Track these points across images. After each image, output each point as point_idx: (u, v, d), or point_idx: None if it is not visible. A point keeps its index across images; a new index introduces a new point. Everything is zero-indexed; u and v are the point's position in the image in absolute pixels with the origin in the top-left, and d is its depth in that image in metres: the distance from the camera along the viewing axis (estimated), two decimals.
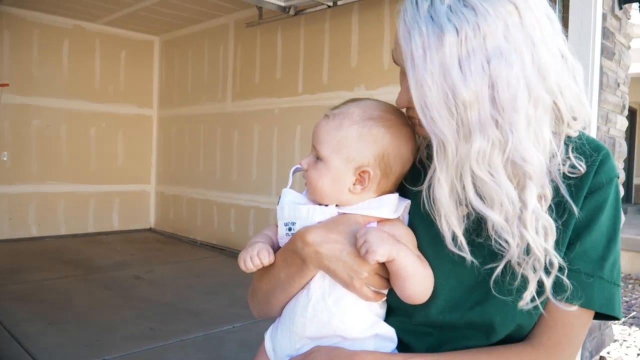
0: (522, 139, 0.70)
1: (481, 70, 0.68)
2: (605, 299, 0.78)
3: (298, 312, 0.87)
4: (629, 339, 4.56)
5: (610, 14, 3.36)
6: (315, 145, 0.89)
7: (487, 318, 0.78)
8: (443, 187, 0.73)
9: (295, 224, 0.89)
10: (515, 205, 0.72)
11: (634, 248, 7.39)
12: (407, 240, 0.84)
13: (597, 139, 3.23)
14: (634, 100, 10.28)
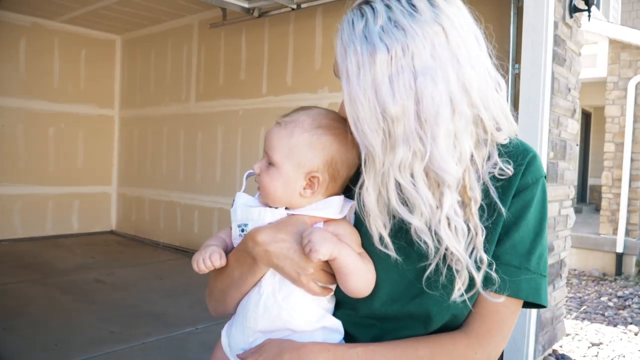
0: (442, 150, 0.76)
1: (408, 87, 0.74)
2: (532, 289, 0.85)
3: (250, 308, 0.92)
4: (581, 333, 4.76)
5: (562, 22, 3.51)
6: (268, 151, 0.94)
7: (425, 309, 0.84)
8: (370, 193, 0.80)
9: (248, 225, 0.94)
10: (434, 210, 0.78)
11: (587, 246, 7.68)
12: (351, 239, 0.89)
13: (549, 141, 3.38)
14: (589, 103, 10.68)
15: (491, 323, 0.84)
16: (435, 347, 0.84)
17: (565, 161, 3.76)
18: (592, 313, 5.47)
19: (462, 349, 0.84)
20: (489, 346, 0.85)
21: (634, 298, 6.11)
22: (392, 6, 0.76)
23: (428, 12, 0.77)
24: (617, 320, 5.20)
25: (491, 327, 0.84)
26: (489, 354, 0.85)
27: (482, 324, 0.84)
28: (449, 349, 0.84)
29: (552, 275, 3.70)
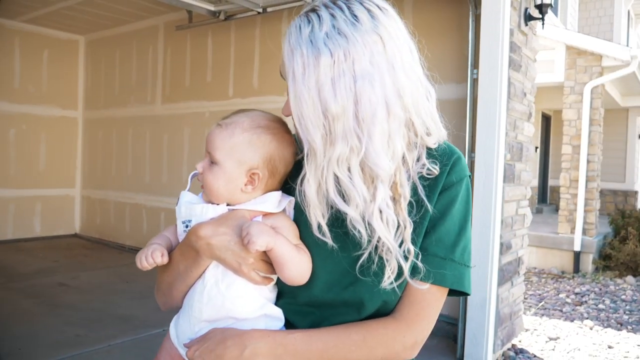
0: (377, 147, 0.84)
1: (349, 88, 0.82)
2: (456, 278, 0.94)
3: (195, 299, 0.97)
4: (539, 328, 4.94)
5: (517, 29, 3.66)
6: (210, 151, 0.99)
7: (358, 296, 0.91)
8: (311, 185, 0.87)
9: (191, 221, 1.00)
10: (367, 202, 0.86)
11: (546, 245, 7.95)
12: (288, 230, 0.96)
13: (506, 144, 3.52)
14: (548, 107, 11.04)
15: (418, 309, 0.92)
16: (367, 331, 0.91)
17: (521, 162, 3.92)
18: (551, 309, 5.67)
19: (391, 332, 0.91)
20: (416, 330, 0.92)
21: (590, 294, 6.36)
22: (336, 15, 0.83)
23: (368, 23, 0.84)
24: (574, 316, 5.41)
25: (418, 313, 0.92)
26: (416, 337, 0.93)
27: (410, 310, 0.92)
28: (379, 333, 0.91)
29: (510, 273, 3.85)
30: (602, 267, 7.71)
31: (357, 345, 0.90)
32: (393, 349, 0.91)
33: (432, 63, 4.05)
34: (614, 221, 8.49)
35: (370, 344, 0.90)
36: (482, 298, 3.52)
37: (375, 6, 0.86)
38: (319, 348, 0.89)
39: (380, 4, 0.88)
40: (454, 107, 4.14)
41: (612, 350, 4.39)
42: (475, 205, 3.56)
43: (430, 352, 3.81)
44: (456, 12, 4.13)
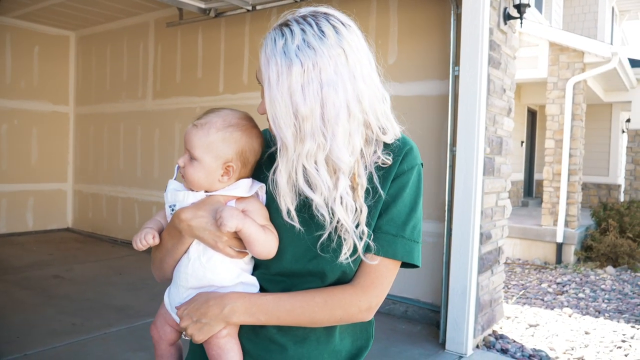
0: (339, 144, 1.00)
1: (316, 94, 0.96)
2: (407, 252, 1.10)
3: (182, 270, 1.15)
4: (520, 316, 5.12)
5: (497, 28, 3.81)
6: (190, 149, 1.15)
7: (320, 268, 1.08)
8: (283, 176, 1.03)
9: (175, 205, 1.17)
10: (331, 190, 1.02)
11: (530, 237, 8.16)
12: (258, 213, 1.13)
13: (486, 138, 3.68)
14: (534, 102, 11.24)
15: (373, 278, 1.08)
16: (328, 295, 1.07)
17: (501, 156, 4.08)
18: (533, 298, 5.87)
19: (349, 297, 1.07)
20: (370, 295, 1.08)
21: (571, 284, 6.56)
22: (306, 30, 0.98)
23: (333, 37, 0.98)
24: (555, 305, 5.61)
25: (373, 281, 1.08)
26: (370, 302, 1.08)
27: (366, 279, 1.08)
28: (338, 297, 1.07)
29: (490, 262, 4.02)
30: (583, 258, 7.93)
31: (319, 307, 1.06)
32: (350, 310, 1.08)
33: (416, 60, 4.28)
34: (596, 213, 8.71)
35: (330, 306, 1.07)
36: (462, 286, 3.69)
37: (340, 23, 1.01)
38: (286, 308, 1.07)
39: (344, 20, 1.03)
40: (436, 102, 4.29)
41: (589, 336, 4.58)
42: (456, 197, 3.72)
43: (413, 338, 3.98)
44: (438, 12, 4.28)
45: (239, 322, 1.08)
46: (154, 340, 1.26)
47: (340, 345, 1.17)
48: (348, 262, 1.06)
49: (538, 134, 12.62)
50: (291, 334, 1.12)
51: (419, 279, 4.39)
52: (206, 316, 1.07)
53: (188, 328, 1.09)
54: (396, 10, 4.58)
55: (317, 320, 1.08)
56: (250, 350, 1.13)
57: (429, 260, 4.33)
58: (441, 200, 4.21)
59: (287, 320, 1.08)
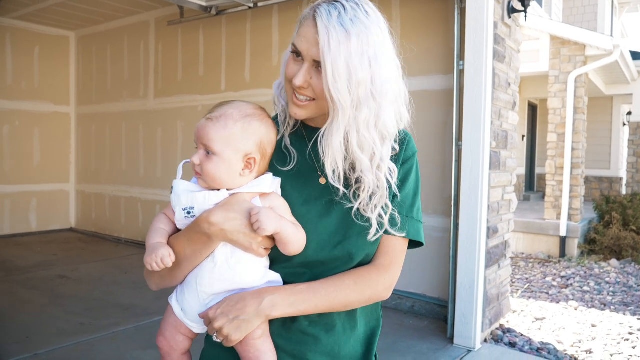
0: (387, 112, 1.09)
1: (367, 64, 1.04)
2: (415, 231, 1.19)
3: (205, 276, 1.10)
4: (526, 310, 5.13)
5: (501, 22, 3.80)
6: (207, 144, 1.09)
7: (347, 252, 1.12)
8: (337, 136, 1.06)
9: (194, 208, 1.10)
10: (377, 154, 1.10)
11: (533, 231, 8.16)
12: (284, 209, 1.11)
13: (491, 132, 3.68)
14: (534, 96, 11.22)
15: (391, 257, 1.16)
16: (357, 276, 1.12)
17: (507, 150, 4.08)
18: (537, 292, 5.87)
19: (375, 276, 1.14)
20: (392, 273, 1.16)
21: (575, 277, 6.57)
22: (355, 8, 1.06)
23: (374, 18, 1.08)
24: (560, 298, 5.61)
25: (392, 260, 1.16)
26: (392, 280, 1.16)
27: (386, 258, 1.16)
28: (366, 277, 1.13)
29: (497, 256, 4.02)
30: (587, 252, 7.93)
31: (351, 289, 1.11)
32: (377, 289, 1.14)
33: (420, 55, 4.28)
34: (599, 207, 8.71)
35: (360, 286, 1.12)
36: (470, 280, 3.69)
37: (374, 8, 1.11)
38: (322, 294, 1.09)
39: (375, 6, 1.12)
40: (441, 97, 4.28)
41: (595, 329, 4.59)
42: (463, 191, 3.71)
43: (421, 333, 3.98)
44: (442, 6, 4.27)
45: (279, 314, 1.07)
46: (163, 352, 1.19)
47: (360, 329, 1.21)
48: (375, 238, 1.12)
49: (539, 128, 12.62)
50: (322, 323, 1.14)
51: (425, 273, 4.39)
52: (244, 312, 1.05)
53: (224, 328, 1.05)
54: (399, 5, 4.57)
55: (350, 302, 1.11)
56: (283, 346, 1.13)
57: (435, 255, 4.32)
58: (446, 195, 4.21)
59: (324, 306, 1.09)
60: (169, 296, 1.20)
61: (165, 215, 1.17)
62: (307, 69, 1.07)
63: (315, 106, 1.11)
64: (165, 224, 1.16)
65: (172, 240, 1.13)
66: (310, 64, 1.07)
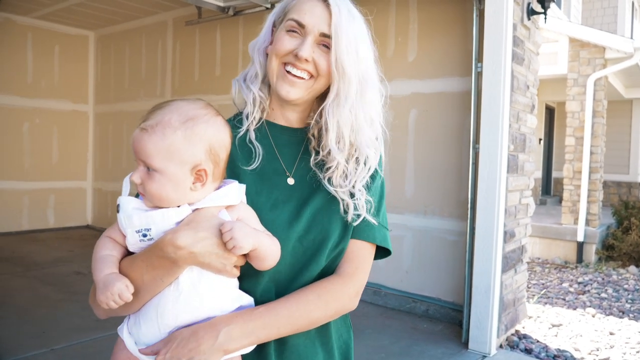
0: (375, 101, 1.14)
1: (368, 48, 1.11)
2: (382, 237, 1.14)
3: (168, 306, 0.93)
4: (542, 316, 5.06)
5: (520, 24, 3.76)
6: (145, 160, 0.92)
7: (317, 255, 1.07)
8: (346, 106, 1.08)
9: (151, 229, 0.93)
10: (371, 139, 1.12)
11: (550, 236, 8.06)
12: (254, 219, 0.99)
13: (509, 135, 3.63)
14: (552, 99, 11.10)
15: (357, 264, 1.10)
16: (319, 289, 1.05)
17: (525, 154, 4.03)
18: (554, 298, 5.80)
19: (338, 286, 1.07)
20: (357, 281, 1.10)
21: (593, 284, 6.47)
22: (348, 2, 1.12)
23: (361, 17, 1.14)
24: (577, 304, 5.53)
25: (357, 267, 1.10)
26: (356, 288, 1.09)
27: (351, 265, 1.10)
28: (329, 288, 1.06)
29: (513, 260, 3.97)
30: (605, 258, 7.81)
31: (314, 304, 1.03)
32: (342, 300, 1.07)
33: (436, 57, 4.26)
34: (617, 212, 8.58)
35: (325, 299, 1.04)
36: (486, 285, 3.65)
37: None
38: (284, 314, 0.99)
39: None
40: (458, 100, 4.25)
41: (614, 337, 4.51)
42: (480, 194, 3.68)
43: (435, 337, 3.95)
44: (460, 8, 4.24)
45: (238, 347, 0.94)
46: None
47: (332, 344, 1.15)
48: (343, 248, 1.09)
49: (556, 131, 12.47)
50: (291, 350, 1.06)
51: (440, 277, 4.36)
52: (199, 352, 0.91)
53: None
54: (416, 7, 4.55)
55: (315, 319, 1.03)
56: None
57: (449, 258, 4.29)
58: (462, 199, 4.17)
59: (287, 328, 0.99)
60: (118, 327, 1.01)
61: (110, 239, 0.99)
62: (312, 42, 1.06)
63: (309, 85, 1.09)
64: (112, 249, 0.97)
65: (125, 266, 0.96)
66: (315, 38, 1.06)
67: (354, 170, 1.10)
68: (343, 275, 1.08)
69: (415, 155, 4.53)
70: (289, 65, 1.07)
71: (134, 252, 0.98)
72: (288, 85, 1.07)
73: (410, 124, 4.52)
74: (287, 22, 1.08)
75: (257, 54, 1.15)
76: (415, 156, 4.53)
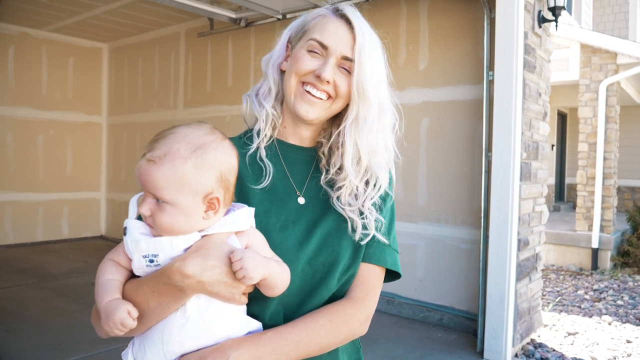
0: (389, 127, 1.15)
1: (385, 69, 1.12)
2: (393, 261, 1.13)
3: (174, 333, 0.91)
4: (558, 324, 5.01)
5: (531, 31, 3.76)
6: (155, 192, 0.90)
7: (327, 277, 1.05)
8: (365, 128, 1.08)
9: (158, 255, 0.91)
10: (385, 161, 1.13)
11: (564, 242, 7.98)
12: (263, 245, 0.97)
13: (522, 143, 3.62)
14: (564, 105, 11.04)
15: (368, 288, 1.09)
16: (330, 313, 1.03)
17: (537, 161, 4.01)
18: (569, 306, 5.73)
19: (349, 311, 1.05)
20: (368, 306, 1.08)
21: (608, 291, 6.40)
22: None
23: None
24: (593, 312, 5.47)
25: (368, 291, 1.09)
26: (367, 312, 1.08)
27: (362, 289, 1.08)
28: (340, 313, 1.04)
29: (528, 268, 3.95)
30: (620, 264, 7.72)
31: (325, 329, 1.00)
32: (353, 325, 1.05)
33: (447, 65, 4.28)
34: (632, 218, 8.48)
35: (336, 324, 1.02)
36: (501, 293, 3.63)
37: None
38: (293, 340, 0.97)
39: None
40: (470, 107, 4.25)
41: (631, 345, 4.46)
42: (493, 203, 3.67)
43: (450, 347, 3.93)
44: (471, 16, 4.25)
45: None
46: None
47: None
48: (353, 273, 1.07)
49: (569, 137, 12.39)
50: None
51: (453, 286, 4.34)
52: None
53: None
54: (426, 16, 4.56)
55: (325, 344, 1.00)
56: None
57: (463, 267, 4.27)
58: (475, 207, 4.16)
59: (296, 353, 0.97)
60: (123, 352, 1.00)
61: (114, 262, 0.98)
62: (333, 64, 1.06)
63: (327, 106, 1.08)
64: (115, 272, 0.96)
65: (130, 290, 0.95)
66: (336, 60, 1.06)
67: (363, 190, 1.09)
68: (354, 299, 1.06)
69: (428, 164, 4.52)
70: (308, 85, 1.07)
71: (140, 276, 0.96)
72: (307, 105, 1.07)
73: (422, 133, 4.52)
74: (309, 42, 1.07)
75: (271, 69, 1.14)
76: (427, 165, 4.53)
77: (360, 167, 1.09)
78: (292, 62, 1.09)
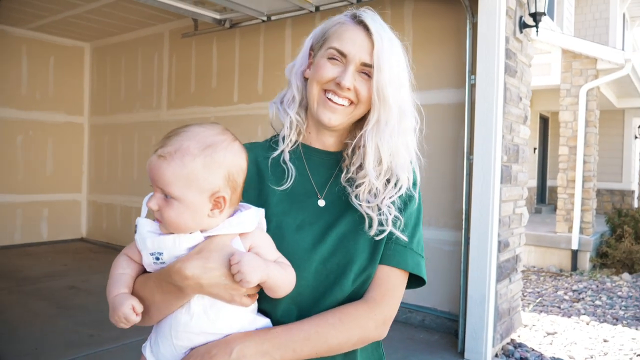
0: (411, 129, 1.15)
1: (407, 73, 1.11)
2: (415, 264, 1.10)
3: (180, 329, 0.95)
4: (538, 324, 5.08)
5: (513, 37, 3.81)
6: (163, 187, 0.93)
7: (341, 279, 1.04)
8: (386, 131, 1.09)
9: (163, 253, 0.95)
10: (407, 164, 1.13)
11: (545, 244, 8.09)
12: (268, 247, 0.98)
13: (503, 146, 3.66)
14: (546, 109, 11.19)
15: (384, 290, 1.06)
16: (342, 313, 1.01)
17: (518, 164, 4.06)
18: (549, 306, 5.81)
19: (363, 312, 1.02)
20: (384, 308, 1.05)
21: (587, 291, 6.50)
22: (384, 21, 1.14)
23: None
24: (572, 312, 5.55)
25: (385, 293, 1.05)
26: (384, 315, 1.05)
27: (379, 291, 1.05)
28: (352, 313, 1.02)
29: (508, 270, 3.99)
30: (599, 265, 7.85)
31: (335, 328, 0.99)
32: (366, 327, 1.02)
33: (431, 69, 4.30)
34: (611, 220, 8.63)
35: (347, 325, 1.00)
36: (481, 294, 3.66)
37: None
38: (300, 337, 0.96)
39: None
40: (452, 111, 4.29)
41: (608, 344, 4.53)
42: (474, 205, 3.70)
43: (432, 347, 3.96)
44: (454, 21, 4.28)
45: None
46: None
47: None
48: (370, 274, 1.06)
49: (550, 140, 12.55)
50: None
51: (436, 287, 4.37)
52: None
53: None
54: (410, 20, 4.59)
55: (334, 345, 0.99)
56: None
57: (445, 268, 4.30)
58: (457, 209, 4.19)
59: (303, 351, 0.96)
60: (142, 345, 1.05)
61: (127, 257, 1.02)
62: (353, 71, 1.07)
63: (349, 112, 1.09)
64: (126, 267, 1.01)
65: (139, 284, 0.99)
66: (356, 67, 1.07)
67: (382, 189, 1.09)
68: (369, 300, 1.04)
69: None
70: (330, 93, 1.08)
71: (150, 271, 1.00)
72: (329, 112, 1.08)
73: None
74: (328, 50, 1.08)
75: (294, 77, 1.16)
76: None
77: (381, 168, 1.09)
78: (314, 71, 1.11)
